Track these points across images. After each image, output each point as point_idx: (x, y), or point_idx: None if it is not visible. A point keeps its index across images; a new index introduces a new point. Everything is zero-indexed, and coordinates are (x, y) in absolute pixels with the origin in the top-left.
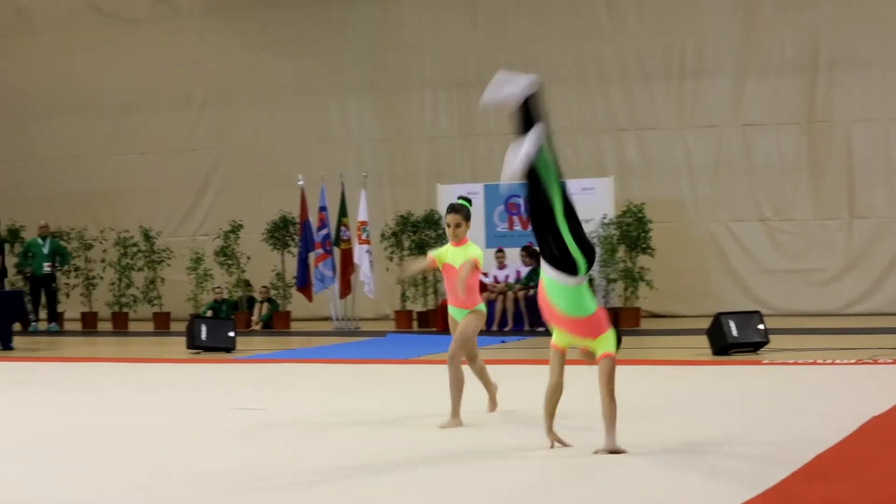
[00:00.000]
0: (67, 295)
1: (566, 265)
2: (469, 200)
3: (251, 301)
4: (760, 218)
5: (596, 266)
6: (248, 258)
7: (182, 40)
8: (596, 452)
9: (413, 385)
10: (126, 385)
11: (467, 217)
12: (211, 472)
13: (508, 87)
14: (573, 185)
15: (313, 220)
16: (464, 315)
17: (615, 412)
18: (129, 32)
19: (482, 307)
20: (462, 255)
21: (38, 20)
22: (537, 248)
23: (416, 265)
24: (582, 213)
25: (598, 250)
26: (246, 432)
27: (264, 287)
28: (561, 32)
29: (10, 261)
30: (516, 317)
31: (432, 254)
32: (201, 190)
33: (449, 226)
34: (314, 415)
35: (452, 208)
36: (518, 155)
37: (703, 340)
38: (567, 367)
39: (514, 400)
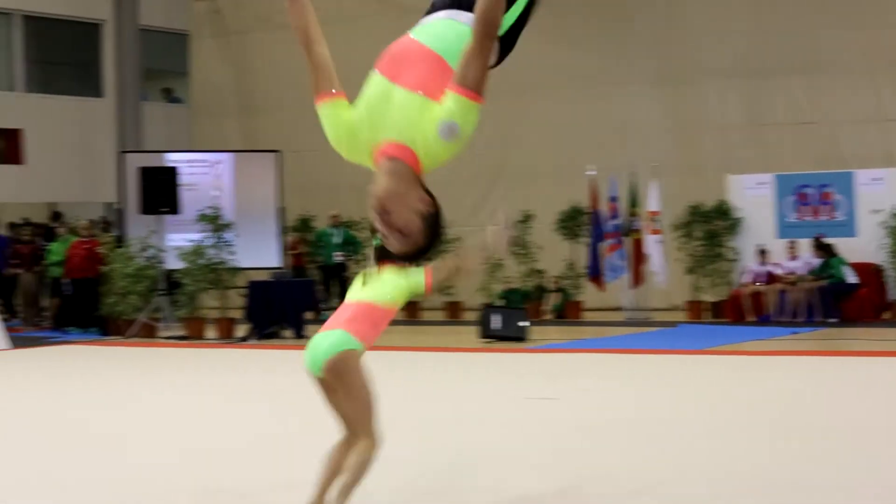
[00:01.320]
0: None
1: None
2: None
3: (543, 291)
4: None
5: (887, 256)
6: (540, 248)
7: None
8: None
9: (703, 377)
10: (417, 374)
11: None
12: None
13: None
14: (863, 176)
15: (604, 210)
16: None
17: None
18: (407, 20)
19: None
20: None
21: (320, 13)
22: (827, 241)
23: None
24: (871, 204)
25: (887, 241)
26: (538, 421)
27: (556, 277)
28: (848, 21)
29: (302, 250)
30: (808, 308)
31: None
32: (492, 180)
33: None
34: (606, 405)
35: None
36: None
37: None
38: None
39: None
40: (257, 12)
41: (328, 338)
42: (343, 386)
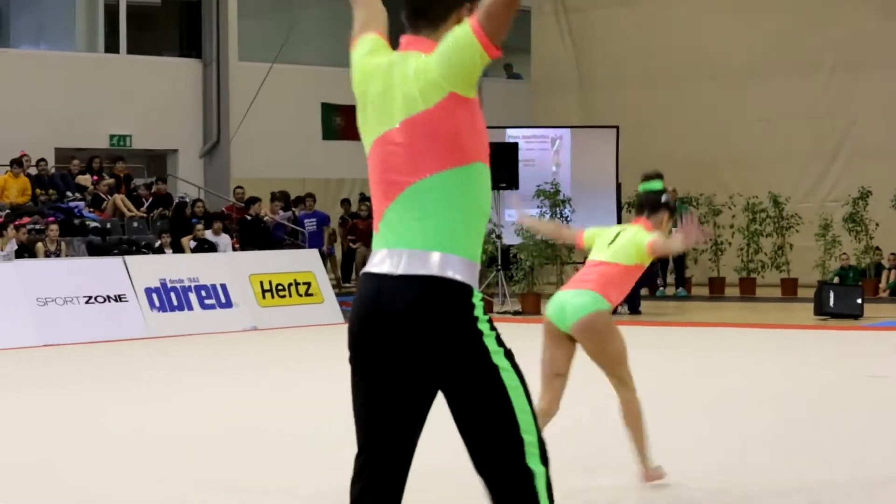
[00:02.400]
0: (695, 260)
1: None
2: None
3: (879, 268)
4: None
5: None
6: (877, 225)
7: (811, 5)
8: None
9: None
10: (751, 350)
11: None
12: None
13: None
14: None
15: None
16: None
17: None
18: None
19: None
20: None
21: None
22: None
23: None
24: None
25: None
26: (870, 400)
27: (892, 254)
28: None
29: None
30: None
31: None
32: (831, 156)
33: None
34: None
35: None
36: None
37: None
38: None
39: None
40: None
41: (579, 297)
42: (596, 343)
